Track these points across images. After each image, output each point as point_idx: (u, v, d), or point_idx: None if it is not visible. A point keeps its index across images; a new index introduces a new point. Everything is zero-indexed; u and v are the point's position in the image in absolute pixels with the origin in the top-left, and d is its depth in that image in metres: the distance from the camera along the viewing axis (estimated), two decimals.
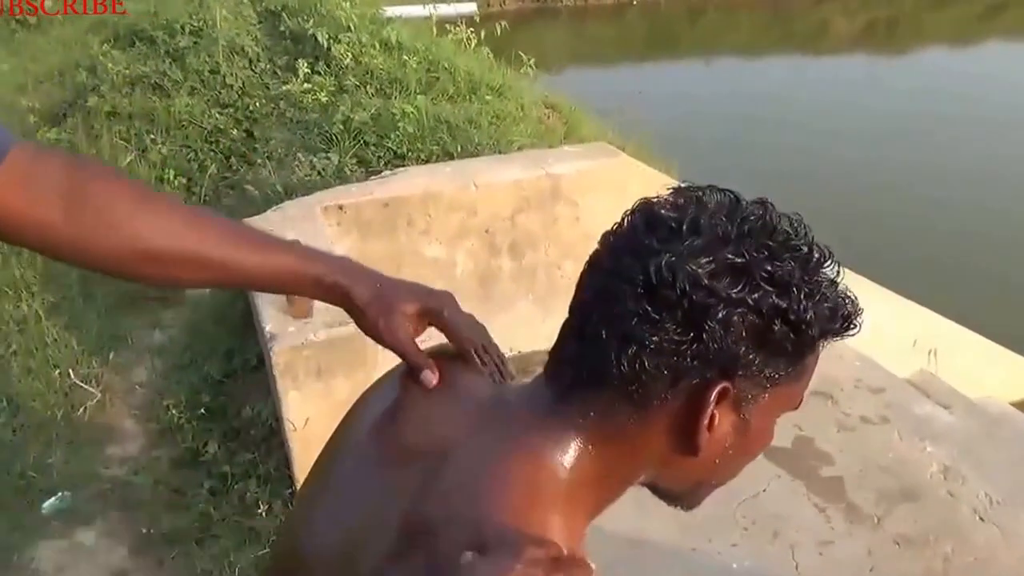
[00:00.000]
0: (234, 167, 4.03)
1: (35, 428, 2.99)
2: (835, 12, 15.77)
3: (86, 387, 3.16)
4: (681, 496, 0.76)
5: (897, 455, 3.14)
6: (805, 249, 0.67)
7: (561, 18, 14.37)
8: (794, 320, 0.65)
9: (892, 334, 4.43)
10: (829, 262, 0.69)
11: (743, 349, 0.64)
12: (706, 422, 0.66)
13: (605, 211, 3.74)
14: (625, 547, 2.57)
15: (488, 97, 4.71)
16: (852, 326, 0.69)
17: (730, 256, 0.64)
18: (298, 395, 2.53)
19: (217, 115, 4.24)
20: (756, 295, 0.63)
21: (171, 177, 3.93)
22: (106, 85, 4.40)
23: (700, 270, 0.63)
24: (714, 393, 0.65)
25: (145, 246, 0.81)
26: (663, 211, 0.68)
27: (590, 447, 0.68)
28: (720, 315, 0.63)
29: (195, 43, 4.61)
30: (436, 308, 0.88)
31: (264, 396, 2.84)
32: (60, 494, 2.75)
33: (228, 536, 2.55)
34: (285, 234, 2.90)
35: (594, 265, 0.70)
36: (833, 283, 0.68)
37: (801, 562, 2.63)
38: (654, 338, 0.63)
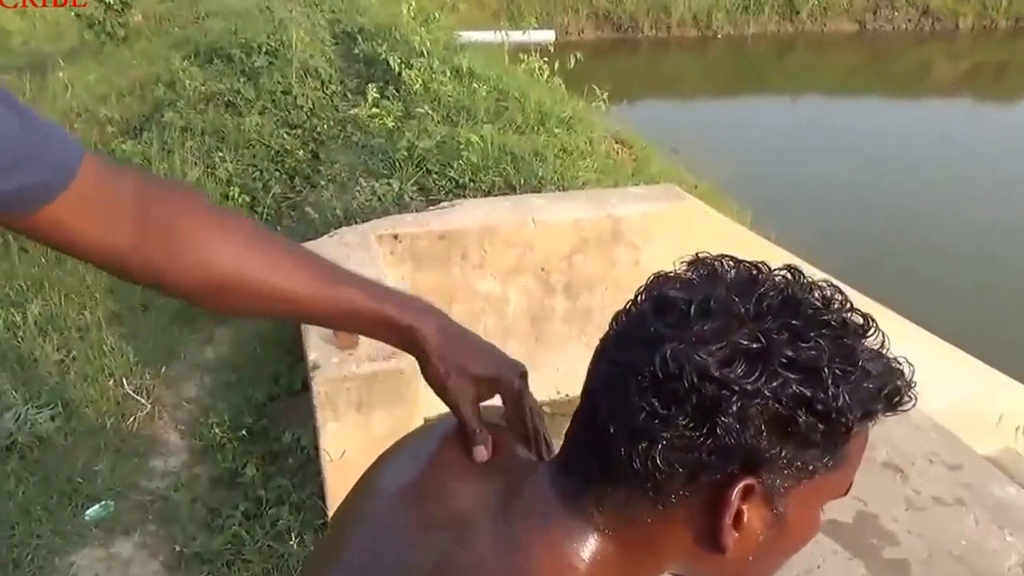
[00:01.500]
0: (297, 188, 4.17)
1: (86, 434, 3.13)
2: (938, 53, 15.40)
3: (137, 398, 3.30)
4: None
5: (971, 542, 2.97)
6: (836, 324, 0.62)
7: (641, 49, 14.34)
8: (822, 410, 0.60)
9: (976, 407, 4.29)
10: (872, 332, 0.64)
11: (765, 443, 0.60)
12: (729, 521, 0.62)
13: (667, 256, 3.75)
14: None
15: (556, 129, 4.77)
16: (901, 403, 0.64)
17: (744, 341, 0.60)
18: (337, 426, 2.60)
19: (285, 135, 4.39)
20: (775, 384, 0.59)
21: (235, 195, 4.08)
22: (182, 101, 4.61)
23: (710, 359, 0.59)
24: (736, 490, 0.61)
25: (219, 275, 0.80)
26: (672, 291, 0.64)
27: (609, 544, 0.65)
28: (734, 408, 0.59)
29: (270, 63, 4.80)
30: (509, 380, 0.84)
31: (305, 422, 2.92)
32: (103, 502, 2.87)
33: (258, 561, 2.63)
34: (339, 262, 3.04)
35: (602, 352, 0.67)
36: (878, 356, 0.63)
37: None
38: (664, 434, 0.60)
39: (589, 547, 0.65)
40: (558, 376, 3.72)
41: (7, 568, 2.60)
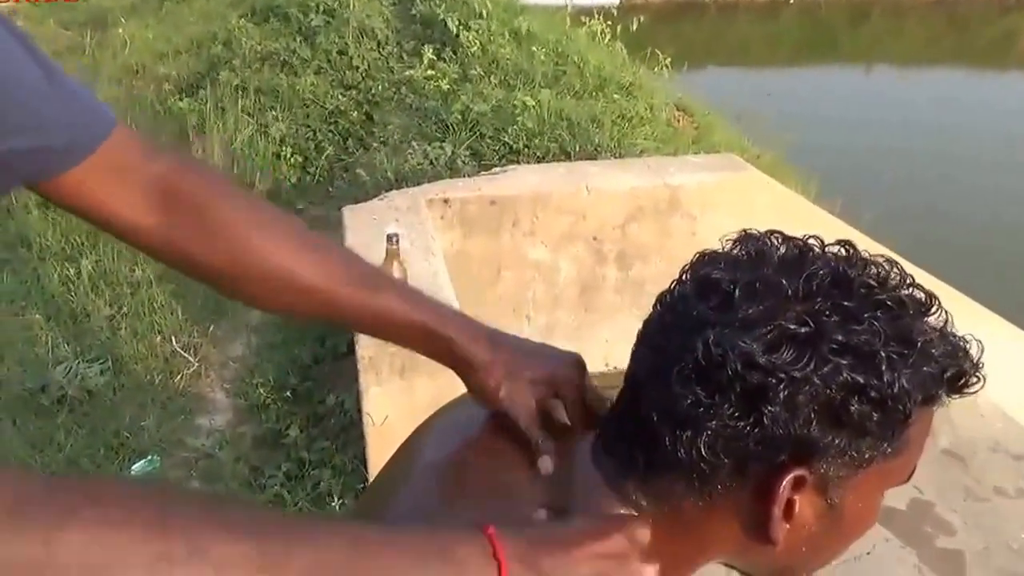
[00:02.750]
0: (350, 149, 4.16)
1: (134, 390, 3.19)
2: None
3: (185, 356, 3.35)
4: None
5: None
6: (893, 303, 0.58)
7: (707, 14, 14.03)
8: (876, 397, 0.56)
9: None
10: (934, 310, 0.60)
11: (816, 432, 0.57)
12: (779, 513, 0.59)
13: (725, 228, 3.68)
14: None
15: (616, 95, 4.69)
16: (967, 386, 0.60)
17: (792, 324, 0.56)
18: (380, 391, 2.59)
19: (339, 96, 4.39)
20: (825, 370, 0.55)
21: (288, 155, 4.10)
22: (238, 59, 4.64)
23: (756, 345, 0.56)
24: (786, 482, 0.58)
25: (245, 263, 0.76)
26: (717, 272, 0.60)
27: (654, 530, 0.63)
28: (782, 396, 0.55)
29: (327, 22, 4.78)
30: (568, 377, 0.78)
31: (349, 386, 2.93)
32: (149, 457, 2.93)
33: None
34: (389, 224, 3.02)
35: (644, 336, 0.64)
36: (941, 336, 0.59)
37: None
38: (710, 423, 0.57)
39: (632, 532, 0.62)
40: (607, 347, 3.67)
41: None
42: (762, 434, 0.57)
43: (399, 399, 2.65)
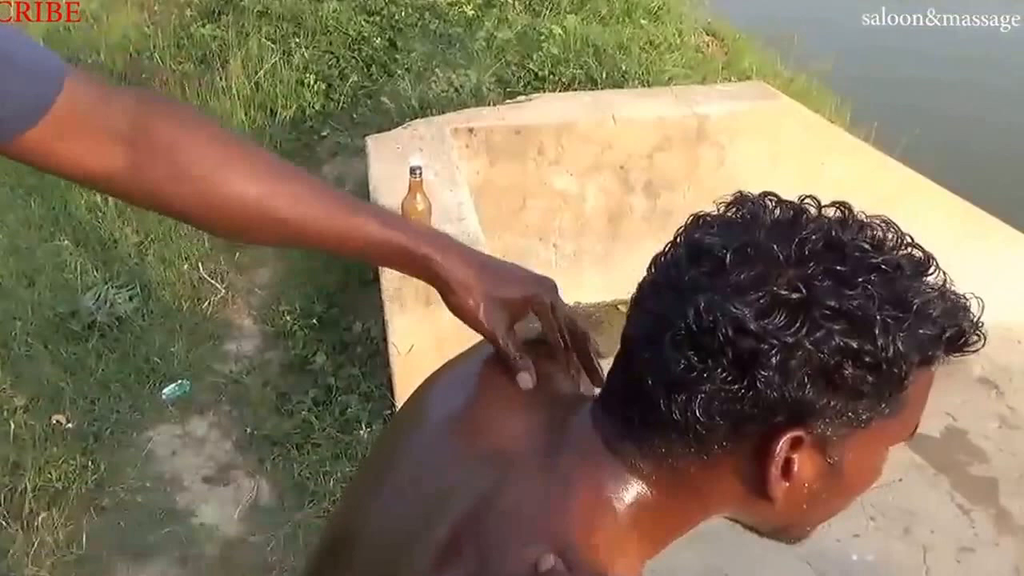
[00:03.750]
0: (374, 76, 4.11)
1: (162, 316, 3.23)
2: None
3: (212, 282, 3.38)
4: (772, 535, 0.70)
5: None
6: (888, 267, 0.58)
7: None
8: (870, 361, 0.56)
9: None
10: (932, 270, 0.60)
11: (811, 395, 0.57)
12: (777, 472, 0.60)
13: (755, 157, 3.64)
14: (730, 527, 2.52)
15: (643, 21, 4.58)
16: (966, 345, 0.60)
17: (784, 290, 0.56)
18: (405, 321, 2.60)
19: (363, 22, 4.31)
20: (817, 335, 0.56)
21: (311, 82, 4.06)
22: None
23: (747, 310, 0.56)
24: (782, 443, 0.59)
25: (218, 200, 0.77)
26: (709, 236, 0.61)
27: (649, 491, 0.64)
28: (774, 361, 0.56)
29: None
30: (541, 298, 0.80)
31: (375, 314, 2.95)
32: (179, 382, 2.98)
33: (327, 447, 2.70)
34: (413, 153, 3.00)
35: (638, 300, 0.65)
36: (940, 296, 0.59)
37: (933, 567, 2.47)
38: (703, 387, 0.58)
39: (632, 490, 0.64)
40: (635, 275, 3.64)
41: (88, 440, 2.73)
42: (756, 397, 0.57)
43: (424, 329, 2.65)
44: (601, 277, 3.62)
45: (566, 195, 3.53)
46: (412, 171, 2.58)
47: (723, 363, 0.57)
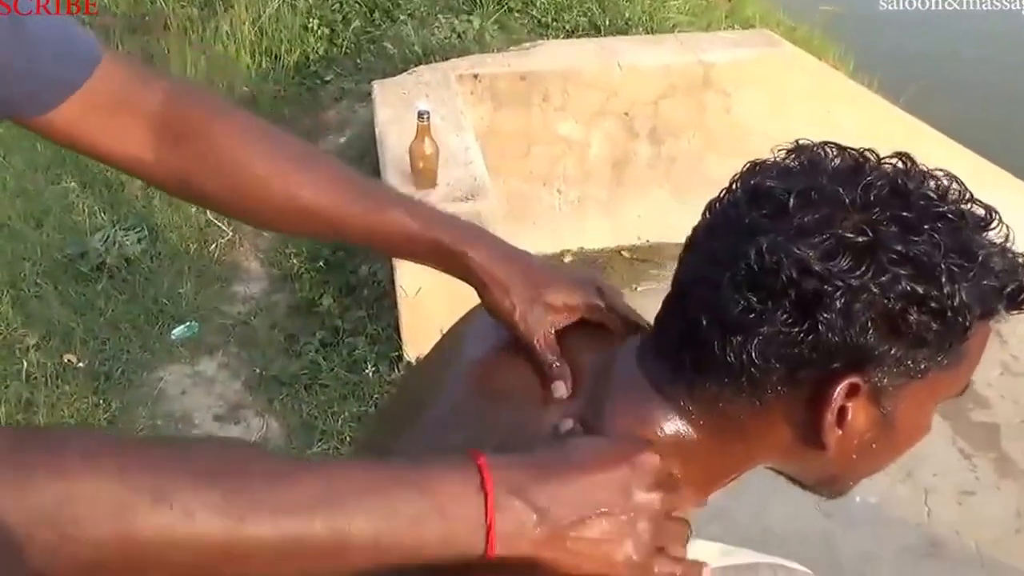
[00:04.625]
0: (377, 21, 4.05)
1: (170, 258, 3.23)
2: None
3: (219, 225, 3.36)
4: (815, 488, 0.69)
5: None
6: (953, 216, 0.57)
7: None
8: (936, 307, 0.55)
9: None
10: (995, 224, 0.58)
11: (872, 340, 0.56)
12: (832, 419, 0.58)
13: (759, 104, 3.61)
14: None
15: None
16: None
17: (850, 233, 0.55)
18: (412, 264, 2.55)
19: None
20: (883, 279, 0.54)
21: (315, 27, 4.00)
22: None
23: (810, 251, 0.54)
24: (839, 389, 0.57)
25: (248, 191, 0.74)
26: (769, 180, 0.59)
27: (700, 432, 0.62)
28: (838, 304, 0.54)
29: None
30: (590, 302, 0.75)
31: (381, 257, 2.94)
32: (188, 323, 2.98)
33: (334, 387, 2.71)
34: (420, 98, 2.96)
35: (694, 243, 0.63)
36: (1001, 251, 0.58)
37: (934, 509, 2.48)
38: (761, 329, 0.56)
39: (678, 433, 0.62)
40: (640, 222, 3.66)
41: (100, 379, 2.74)
42: (816, 341, 0.56)
43: (431, 272, 2.63)
44: (605, 223, 3.61)
45: (570, 141, 3.51)
46: (420, 115, 2.57)
47: (784, 305, 0.56)
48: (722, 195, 0.62)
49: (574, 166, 3.56)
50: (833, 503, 0.70)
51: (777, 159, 0.62)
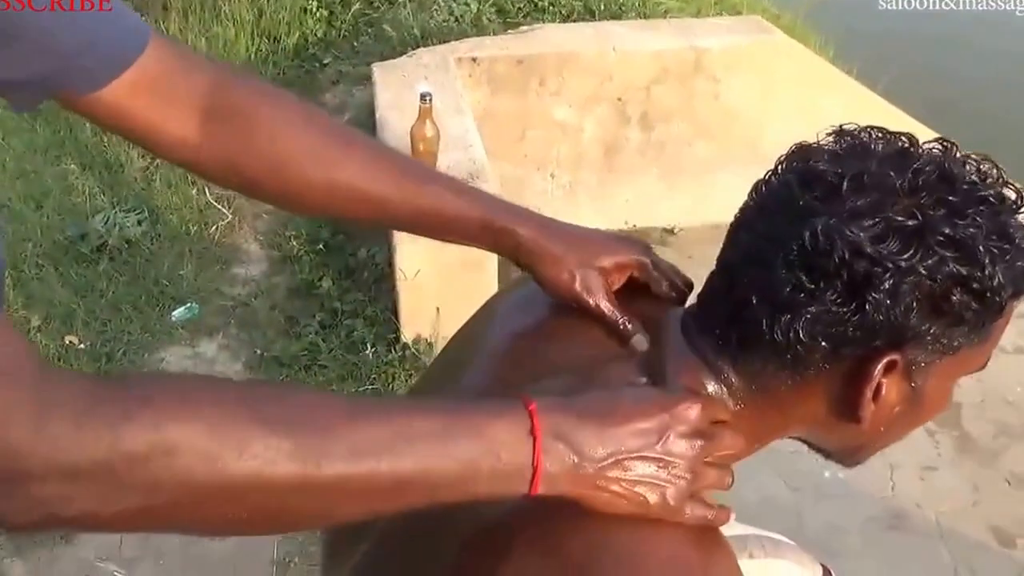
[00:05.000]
0: (375, 4, 3.94)
1: (170, 240, 3.14)
2: None
3: (219, 207, 3.28)
4: (839, 457, 0.71)
5: None
6: (994, 199, 0.58)
7: None
8: (977, 288, 0.57)
9: None
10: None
11: (915, 320, 0.57)
12: (871, 395, 0.59)
13: (748, 91, 3.55)
14: None
15: None
16: None
17: (900, 217, 0.56)
18: (411, 247, 2.54)
19: None
20: (930, 261, 0.55)
21: (314, 9, 3.89)
22: None
23: (863, 234, 0.55)
24: (880, 365, 0.58)
25: (292, 177, 0.72)
26: (821, 164, 0.59)
27: (739, 404, 0.63)
28: (886, 285, 0.55)
29: None
30: (641, 260, 0.76)
31: (380, 239, 2.88)
32: (189, 304, 2.91)
33: (333, 368, 2.65)
34: (419, 81, 2.88)
35: (743, 223, 0.63)
36: None
37: (899, 483, 2.51)
38: (810, 308, 0.57)
39: (720, 400, 0.63)
40: (628, 207, 3.61)
41: (101, 360, 2.67)
42: (862, 320, 0.56)
43: (430, 254, 2.59)
44: (595, 207, 3.55)
45: (565, 126, 3.44)
46: (422, 97, 2.49)
47: (835, 285, 0.56)
48: (769, 176, 0.63)
49: (567, 151, 3.49)
50: (803, 478, 0.74)
51: (823, 143, 0.62)
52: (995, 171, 0.60)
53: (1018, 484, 2.53)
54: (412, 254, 2.55)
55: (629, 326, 0.71)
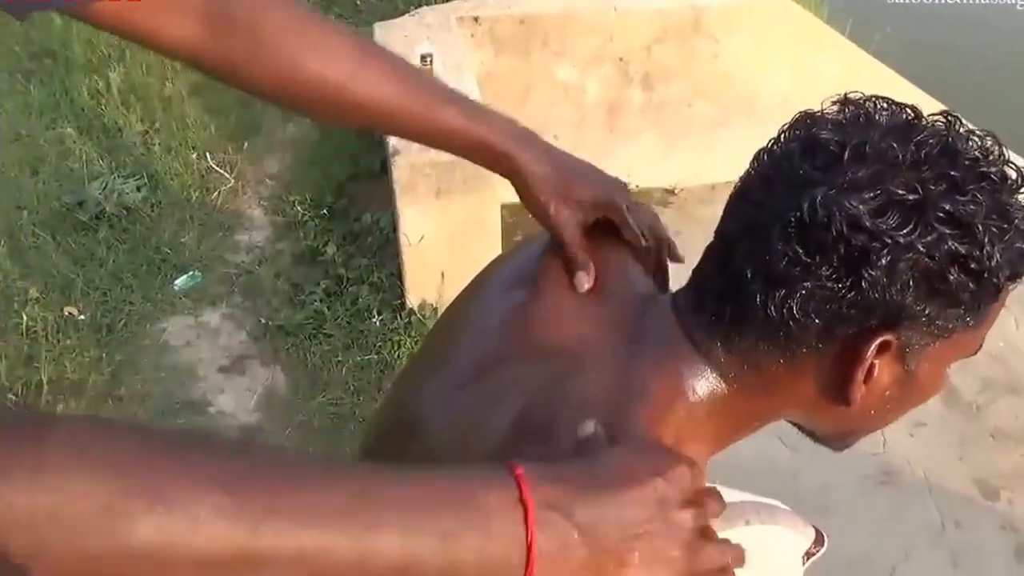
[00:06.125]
0: None
1: (171, 206, 2.78)
2: None
3: (221, 172, 2.92)
4: (828, 440, 0.62)
5: (1010, 344, 2.67)
6: (996, 177, 0.50)
7: None
8: (975, 268, 0.49)
9: None
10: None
11: (910, 299, 0.49)
12: (862, 376, 0.52)
13: (745, 52, 3.17)
14: None
15: None
16: None
17: (900, 190, 0.48)
18: (416, 211, 2.23)
19: None
20: (929, 238, 0.48)
21: None
22: None
23: (862, 207, 0.48)
24: (873, 346, 0.50)
25: (297, 78, 0.65)
26: (823, 133, 0.51)
27: (728, 386, 0.55)
28: (883, 261, 0.48)
29: None
30: (613, 200, 0.69)
31: (384, 204, 2.55)
32: (191, 273, 2.57)
33: (339, 336, 2.34)
34: (421, 41, 2.51)
35: (743, 192, 0.55)
36: None
37: (889, 439, 2.33)
38: (805, 283, 0.49)
39: (708, 385, 0.55)
40: (631, 167, 3.26)
41: (102, 331, 2.34)
42: (857, 297, 0.49)
43: (434, 219, 2.30)
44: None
45: (568, 87, 3.08)
46: (422, 58, 2.16)
47: (832, 259, 0.49)
48: (772, 145, 0.55)
49: (570, 112, 3.14)
50: (800, 437, 0.63)
51: (827, 111, 0.54)
52: (997, 148, 0.52)
53: (1002, 438, 2.38)
54: (416, 219, 2.26)
55: (579, 260, 0.65)
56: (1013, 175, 0.51)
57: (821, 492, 2.19)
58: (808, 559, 0.62)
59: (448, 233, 2.29)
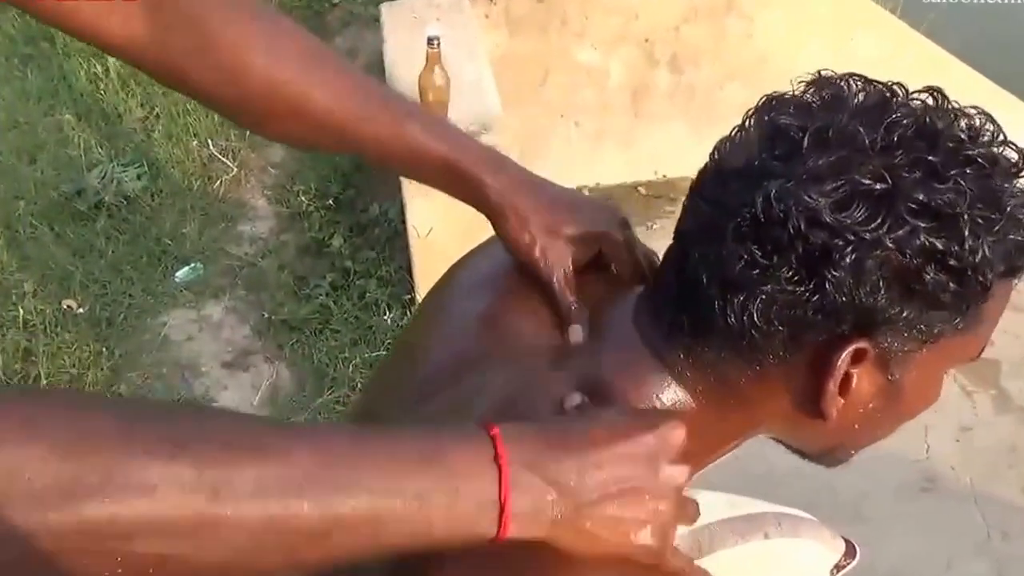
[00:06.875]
0: None
1: (172, 195, 2.92)
2: None
3: (223, 160, 3.05)
4: (816, 458, 0.61)
5: None
6: (984, 160, 0.48)
7: None
8: (955, 265, 0.47)
9: None
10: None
11: (884, 302, 0.48)
12: (834, 388, 0.51)
13: (781, 30, 3.25)
14: None
15: None
16: None
17: (867, 179, 0.47)
18: (424, 203, 2.33)
19: None
20: (900, 232, 0.46)
21: None
22: None
23: (822, 200, 0.47)
24: (844, 354, 0.50)
25: (243, 80, 0.63)
26: (785, 117, 0.50)
27: (694, 403, 0.55)
28: (847, 260, 0.47)
29: None
30: (613, 236, 0.66)
31: (392, 195, 2.66)
32: (193, 264, 2.71)
33: (345, 332, 2.46)
34: (430, 23, 2.62)
35: (699, 188, 0.54)
36: None
37: (933, 446, 2.37)
38: (764, 287, 0.49)
39: (674, 400, 0.55)
40: (657, 156, 3.36)
41: (101, 325, 2.48)
42: (822, 301, 0.48)
43: (444, 211, 2.39)
44: (622, 157, 3.30)
45: (590, 70, 3.18)
46: (429, 41, 2.25)
47: (790, 260, 0.48)
48: (733, 134, 0.54)
49: (592, 96, 3.23)
50: None
51: (796, 93, 0.53)
52: (992, 128, 0.50)
53: None
54: (424, 210, 2.36)
55: (573, 311, 0.62)
56: (1014, 157, 0.50)
57: (859, 500, 2.22)
58: (839, 572, 0.63)
59: (457, 227, 2.37)
